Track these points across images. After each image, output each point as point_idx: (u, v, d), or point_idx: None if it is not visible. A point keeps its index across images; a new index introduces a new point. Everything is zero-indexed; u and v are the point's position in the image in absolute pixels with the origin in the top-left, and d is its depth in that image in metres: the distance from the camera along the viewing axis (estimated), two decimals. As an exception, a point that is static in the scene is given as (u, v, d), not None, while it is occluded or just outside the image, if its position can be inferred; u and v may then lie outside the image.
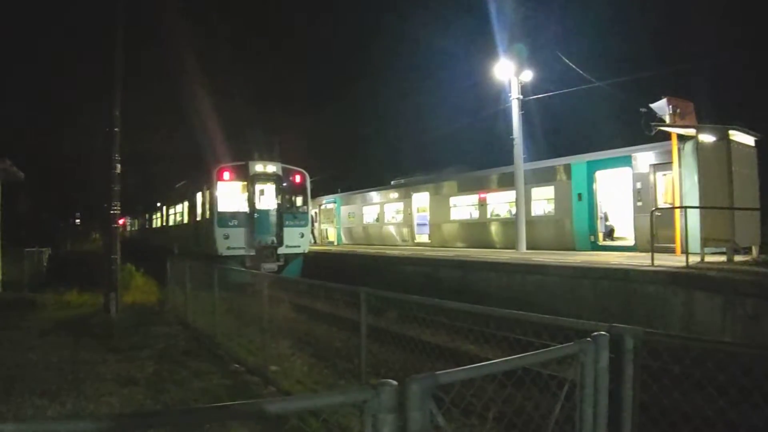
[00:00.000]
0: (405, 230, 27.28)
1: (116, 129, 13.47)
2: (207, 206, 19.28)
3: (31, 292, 16.43)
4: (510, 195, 20.08)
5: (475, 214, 22.77)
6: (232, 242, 18.05)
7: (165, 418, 1.50)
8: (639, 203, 15.86)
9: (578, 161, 18.12)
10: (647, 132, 14.59)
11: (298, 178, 19.91)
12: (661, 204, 15.14)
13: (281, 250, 18.74)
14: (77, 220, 72.98)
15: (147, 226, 37.17)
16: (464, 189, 23.46)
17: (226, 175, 18.67)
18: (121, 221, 14.61)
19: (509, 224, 20.17)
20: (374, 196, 30.28)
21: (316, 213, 35.55)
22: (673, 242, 13.98)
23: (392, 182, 30.09)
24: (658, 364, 2.97)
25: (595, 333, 2.75)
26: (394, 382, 1.80)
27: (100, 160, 14.30)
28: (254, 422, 5.32)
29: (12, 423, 1.38)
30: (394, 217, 28.67)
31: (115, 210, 13.65)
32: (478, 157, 34.76)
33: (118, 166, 13.54)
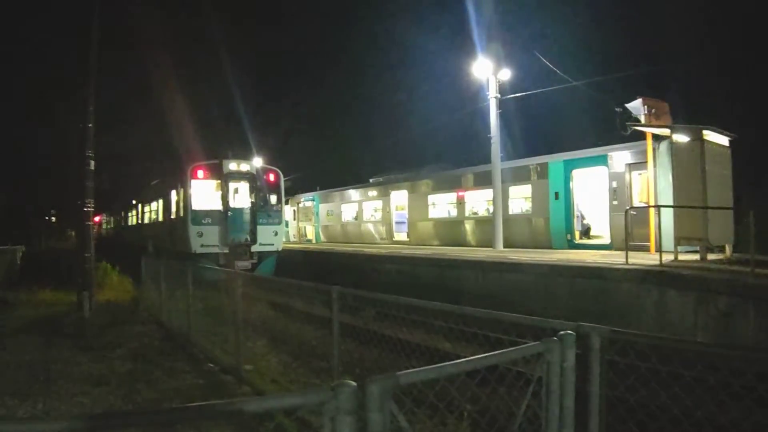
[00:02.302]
0: (383, 228, 27.29)
1: (90, 125, 13.26)
2: (181, 204, 19.16)
3: (3, 290, 16.14)
4: (488, 193, 20.19)
5: (453, 213, 22.85)
6: (206, 240, 17.96)
7: (113, 421, 1.46)
8: (615, 202, 16.02)
9: (555, 160, 18.26)
10: (622, 131, 14.75)
11: (272, 177, 19.89)
12: (636, 203, 15.31)
13: (255, 248, 18.70)
14: (52, 218, 71.95)
15: (122, 224, 36.73)
16: (442, 187, 23.54)
17: (200, 173, 18.58)
18: (96, 219, 14.41)
19: (487, 222, 20.25)
20: (353, 194, 30.23)
21: (294, 211, 35.41)
22: (648, 241, 14.14)
23: (371, 180, 30.07)
24: (626, 362, 2.98)
25: (562, 332, 2.75)
26: (353, 383, 1.77)
27: (75, 156, 14.07)
28: (228, 423, 5.27)
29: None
30: (372, 215, 28.67)
31: (89, 207, 13.43)
32: (457, 155, 34.94)
33: (92, 162, 13.34)
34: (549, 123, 36.45)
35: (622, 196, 15.79)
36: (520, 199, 19.69)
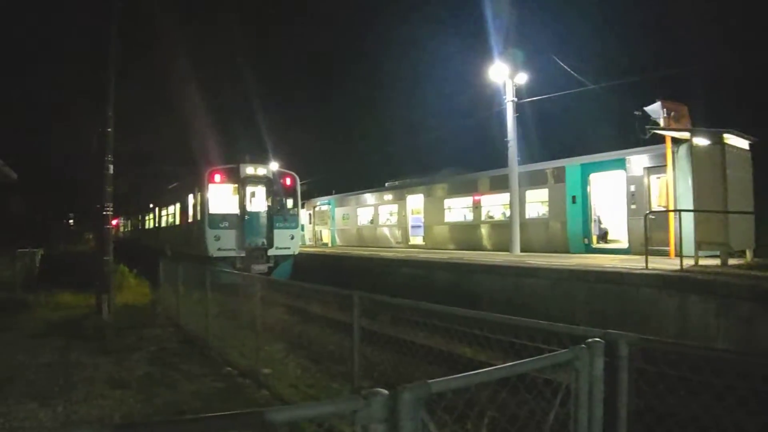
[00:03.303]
0: (399, 232, 27.27)
1: (109, 129, 13.38)
2: (198, 208, 19.27)
3: (23, 293, 16.31)
4: (504, 197, 20.12)
5: (470, 217, 22.78)
6: (223, 244, 18.04)
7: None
8: (633, 206, 15.87)
9: (572, 164, 18.14)
10: (641, 135, 14.62)
11: (288, 181, 19.95)
12: (655, 207, 15.16)
13: (271, 252, 18.77)
14: (71, 221, 72.65)
15: (140, 227, 37.00)
16: (458, 191, 23.47)
17: (218, 177, 18.69)
18: (114, 222, 14.53)
19: (503, 227, 20.17)
20: (369, 197, 30.25)
21: (310, 215, 35.48)
22: (667, 245, 13.99)
23: (387, 184, 30.07)
24: (655, 370, 2.93)
25: (590, 339, 2.71)
26: (386, 392, 1.75)
27: (94, 160, 14.19)
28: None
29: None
30: (388, 218, 28.66)
31: (108, 211, 13.54)
32: (473, 159, 34.82)
33: (111, 166, 13.44)
34: (566, 127, 36.24)
35: (640, 200, 15.64)
36: (537, 203, 19.58)
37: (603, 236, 18.13)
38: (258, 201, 19.13)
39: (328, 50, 75.50)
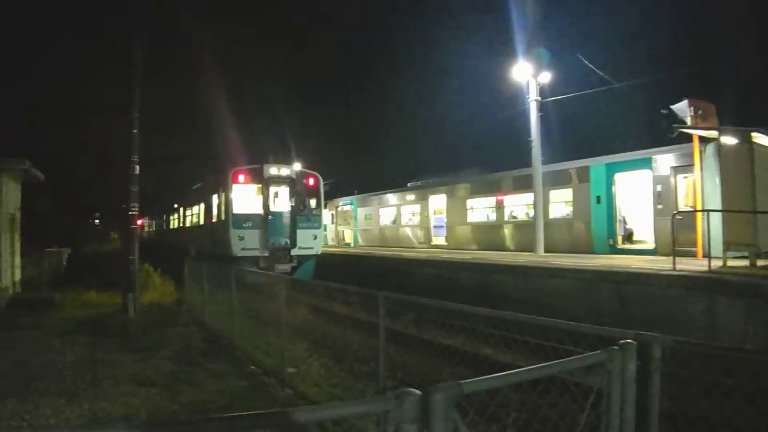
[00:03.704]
0: (421, 232, 27.23)
1: (135, 131, 13.57)
2: (222, 208, 19.45)
3: (50, 291, 16.59)
4: (527, 197, 19.99)
5: (492, 217, 22.66)
6: (247, 243, 18.18)
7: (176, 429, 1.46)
8: (659, 206, 15.66)
9: (597, 163, 17.94)
10: (668, 134, 14.41)
11: (311, 181, 20.06)
12: (681, 207, 14.94)
13: (294, 252, 18.86)
14: (96, 221, 73.73)
15: (164, 227, 37.43)
16: (481, 191, 23.36)
17: (241, 177, 18.85)
18: (139, 222, 14.73)
19: (526, 227, 20.04)
20: (391, 198, 30.26)
21: (333, 215, 35.60)
22: (695, 246, 13.77)
23: (409, 184, 30.07)
24: (687, 373, 2.88)
25: (622, 341, 2.67)
26: (417, 392, 1.75)
27: (119, 161, 14.41)
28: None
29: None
30: (410, 219, 28.65)
31: (134, 211, 13.74)
32: (495, 159, 34.61)
33: (137, 167, 13.63)
34: (590, 126, 35.80)
35: (666, 200, 15.42)
36: (561, 203, 19.42)
37: (628, 237, 17.91)
38: (281, 201, 19.23)
39: (352, 51, 75.51)
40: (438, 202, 26.07)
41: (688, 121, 14.27)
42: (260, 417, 1.61)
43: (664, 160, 15.66)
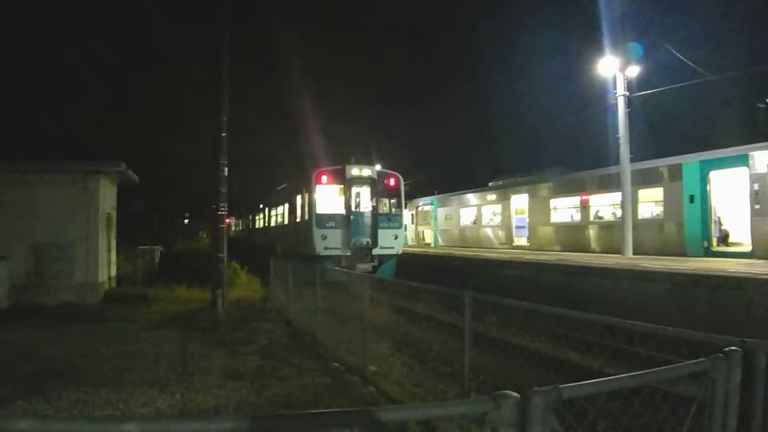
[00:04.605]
0: (502, 233, 26.84)
1: (224, 134, 14.05)
2: (306, 208, 19.89)
3: (143, 287, 17.42)
4: (614, 197, 19.31)
5: (577, 217, 22.03)
6: (330, 243, 18.51)
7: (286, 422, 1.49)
8: (756, 206, 14.73)
9: (690, 161, 17.07)
10: (767, 128, 13.56)
11: (392, 182, 20.19)
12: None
13: (376, 251, 19.05)
14: (186, 220, 76.87)
15: (250, 226, 38.63)
16: (565, 191, 22.75)
17: (324, 178, 19.22)
18: (226, 221, 15.26)
19: (613, 228, 19.36)
20: (471, 197, 30.01)
21: (413, 215, 35.68)
22: (798, 249, 12.88)
23: (490, 184, 29.72)
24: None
25: (727, 348, 2.53)
26: (515, 395, 1.71)
27: (208, 162, 14.96)
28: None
29: (135, 422, 1.40)
30: (491, 219, 28.31)
31: (223, 211, 14.24)
32: (578, 157, 33.64)
33: (226, 169, 14.12)
34: (682, 122, 34.11)
35: (764, 200, 14.48)
36: (651, 202, 18.63)
37: (723, 238, 16.96)
38: (363, 201, 19.49)
39: (433, 51, 75.34)
40: (520, 201, 25.61)
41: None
42: (360, 414, 1.63)
43: (762, 157, 14.70)
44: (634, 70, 17.71)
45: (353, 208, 19.11)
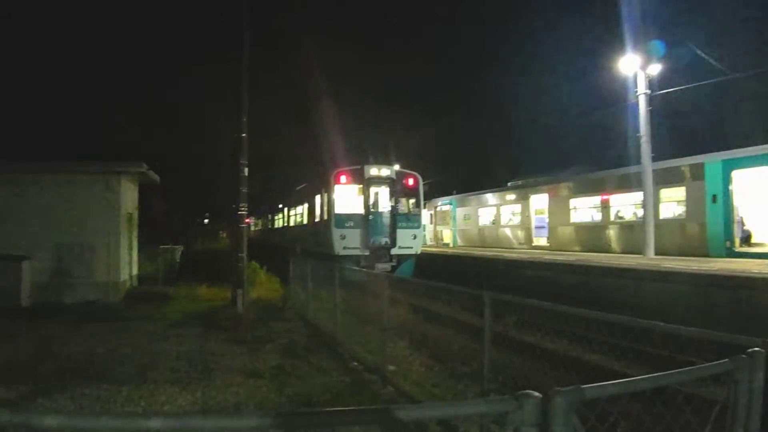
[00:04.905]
0: (522, 233, 26.69)
1: (244, 135, 14.12)
2: (325, 208, 19.94)
3: (164, 286, 17.59)
4: (635, 197, 19.12)
5: (597, 217, 21.84)
6: (348, 243, 18.54)
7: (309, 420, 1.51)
8: (780, 206, 14.51)
9: (712, 160, 16.84)
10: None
11: (411, 182, 20.17)
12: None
13: (394, 251, 19.04)
14: (206, 220, 77.46)
15: (269, 226, 38.75)
16: (585, 190, 22.56)
17: (343, 178, 19.26)
18: (246, 221, 15.36)
19: (634, 228, 19.18)
20: (490, 197, 29.89)
21: (431, 215, 35.61)
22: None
23: (509, 183, 29.57)
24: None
25: (751, 349, 2.50)
26: (537, 394, 1.71)
27: (228, 163, 15.05)
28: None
29: (159, 418, 1.42)
30: (510, 219, 28.17)
31: (243, 211, 14.32)
32: (598, 156, 33.32)
33: (246, 169, 14.19)
34: (704, 120, 33.62)
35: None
36: (672, 202, 18.40)
37: (746, 239, 16.72)
38: (382, 201, 19.48)
39: (454, 52, 75.10)
40: (539, 201, 25.44)
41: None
42: (380, 412, 1.64)
43: (786, 157, 14.48)
44: (656, 68, 17.51)
45: (372, 208, 19.11)
